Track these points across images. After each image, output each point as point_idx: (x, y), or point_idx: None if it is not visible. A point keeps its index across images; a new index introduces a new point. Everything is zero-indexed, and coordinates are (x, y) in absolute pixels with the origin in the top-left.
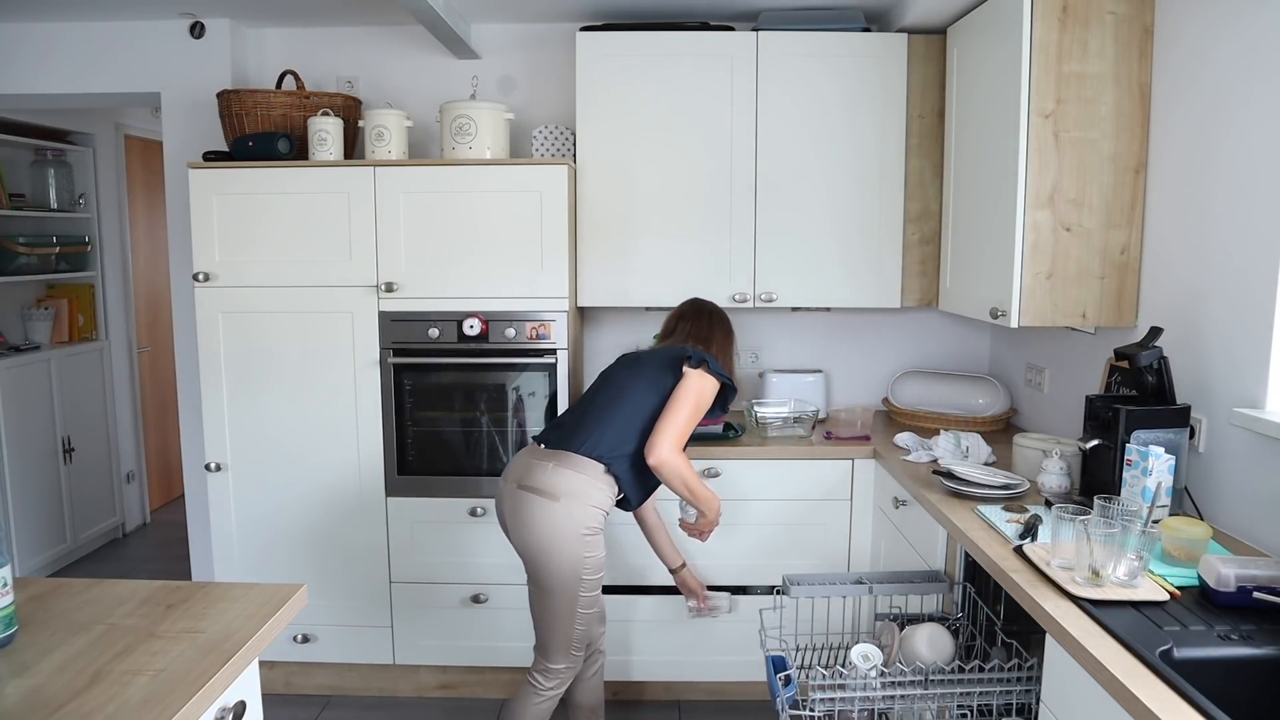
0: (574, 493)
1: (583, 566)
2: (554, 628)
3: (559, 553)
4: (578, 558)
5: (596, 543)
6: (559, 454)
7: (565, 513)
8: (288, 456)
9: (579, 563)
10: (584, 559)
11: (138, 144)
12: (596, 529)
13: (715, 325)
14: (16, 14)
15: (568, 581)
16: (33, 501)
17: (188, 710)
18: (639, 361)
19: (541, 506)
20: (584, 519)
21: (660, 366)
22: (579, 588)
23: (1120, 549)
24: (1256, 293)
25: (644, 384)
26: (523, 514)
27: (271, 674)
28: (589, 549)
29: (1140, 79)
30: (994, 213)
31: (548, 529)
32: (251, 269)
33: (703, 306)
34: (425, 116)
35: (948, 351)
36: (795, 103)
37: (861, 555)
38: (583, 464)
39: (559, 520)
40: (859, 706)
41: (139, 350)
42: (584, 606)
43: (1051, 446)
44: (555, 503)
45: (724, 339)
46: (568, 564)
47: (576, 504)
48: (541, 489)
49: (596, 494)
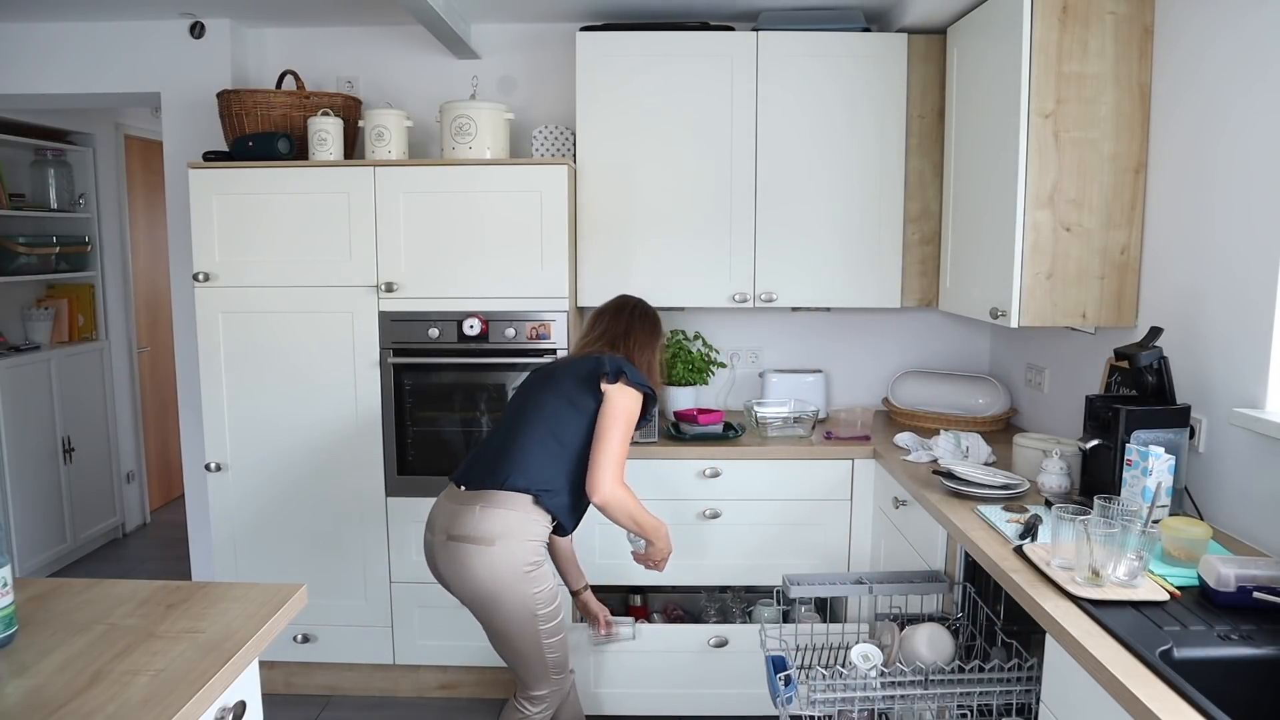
0: (507, 533)
1: (534, 603)
2: (525, 664)
3: (507, 597)
4: (526, 596)
5: (541, 575)
6: (482, 494)
7: (503, 555)
8: (288, 456)
9: (529, 600)
10: (533, 595)
11: (138, 144)
12: (538, 562)
13: (634, 323)
14: (17, 14)
15: (523, 622)
16: (33, 501)
17: (188, 710)
18: (553, 377)
19: (476, 554)
20: (523, 556)
21: (577, 383)
22: (536, 624)
23: (1120, 549)
24: (1256, 293)
25: (563, 405)
26: (459, 566)
27: (271, 674)
28: (535, 584)
29: (1140, 79)
30: (994, 213)
31: (488, 575)
32: (251, 269)
33: (624, 303)
34: (425, 116)
35: (948, 351)
36: (795, 103)
37: (861, 555)
38: (510, 500)
39: (498, 564)
40: (859, 706)
41: (139, 350)
42: (548, 636)
43: (1051, 446)
44: (491, 548)
45: (645, 337)
46: (518, 606)
47: (513, 543)
48: (472, 536)
49: (531, 527)
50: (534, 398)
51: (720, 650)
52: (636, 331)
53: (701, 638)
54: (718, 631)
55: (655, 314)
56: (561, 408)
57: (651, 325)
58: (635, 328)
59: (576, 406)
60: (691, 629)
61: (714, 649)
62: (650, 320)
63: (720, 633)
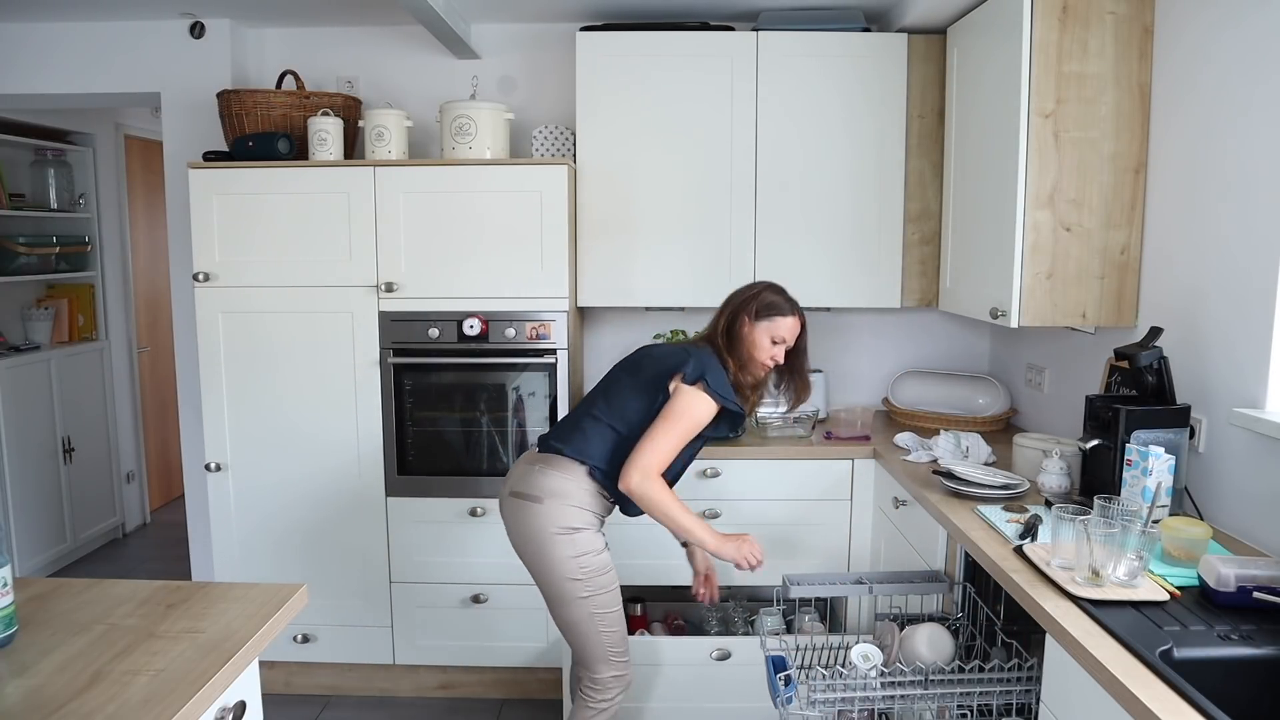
0: (556, 492)
1: (576, 566)
2: (579, 638)
3: (547, 555)
4: (565, 558)
5: (584, 540)
6: (546, 456)
7: (548, 512)
8: (288, 456)
9: (568, 563)
10: (574, 559)
11: (138, 144)
12: (581, 527)
13: (726, 324)
14: (17, 14)
15: (564, 585)
16: (33, 501)
17: (188, 710)
18: (643, 360)
19: (527, 509)
20: (567, 518)
21: (656, 375)
22: (577, 590)
23: (1120, 549)
24: (1257, 293)
25: (635, 391)
26: (514, 520)
27: (271, 674)
28: (574, 548)
29: (1140, 79)
30: (994, 213)
31: (534, 530)
32: (251, 269)
33: (734, 297)
34: (425, 116)
35: (948, 351)
36: (795, 102)
37: (861, 555)
38: (565, 465)
39: (543, 520)
40: (859, 706)
41: (139, 350)
42: (598, 608)
43: (1051, 446)
44: (539, 504)
45: (736, 341)
46: (557, 565)
47: (559, 504)
48: (528, 493)
49: (580, 495)
50: (617, 375)
51: (723, 663)
52: (722, 336)
53: (704, 650)
54: (720, 644)
55: (768, 300)
56: (631, 395)
57: (756, 312)
58: (721, 331)
59: (647, 397)
60: (694, 641)
61: (717, 662)
62: (747, 319)
63: (723, 645)
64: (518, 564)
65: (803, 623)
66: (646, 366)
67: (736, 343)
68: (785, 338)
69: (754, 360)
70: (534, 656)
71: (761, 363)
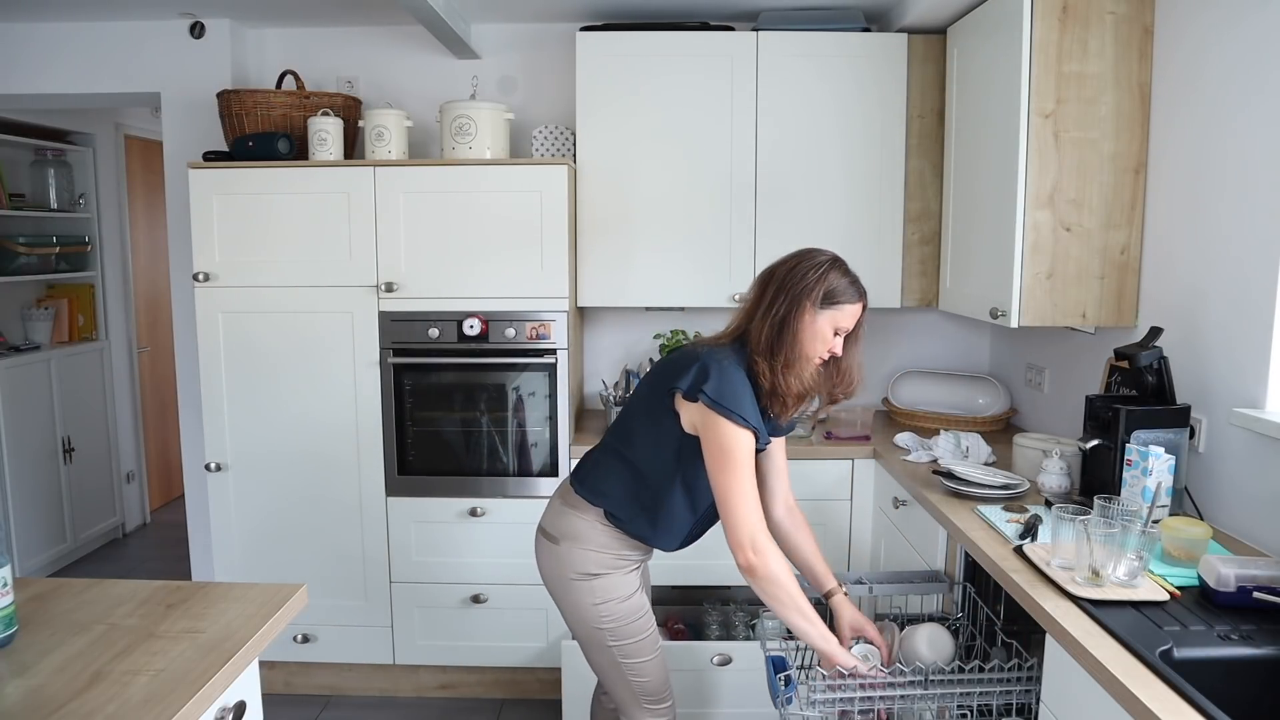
0: (572, 535)
1: (597, 615)
2: (610, 683)
3: (567, 600)
4: (584, 605)
5: (606, 586)
6: (568, 493)
7: (564, 556)
8: (288, 456)
9: (589, 611)
10: (594, 606)
11: (138, 144)
12: (600, 572)
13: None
14: (17, 14)
15: (587, 630)
16: (33, 501)
17: (188, 710)
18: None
19: (548, 549)
20: (584, 563)
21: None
22: (604, 638)
23: (1120, 549)
24: (1257, 293)
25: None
26: (539, 557)
27: (271, 674)
28: (596, 595)
29: (1140, 79)
30: (994, 213)
31: (553, 573)
32: (251, 269)
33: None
34: (425, 116)
35: (948, 351)
36: (795, 102)
37: (861, 555)
38: (581, 505)
39: (560, 564)
40: (859, 706)
41: (139, 350)
42: (627, 657)
43: (1051, 446)
44: (556, 546)
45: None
46: (577, 610)
47: (574, 547)
48: (549, 531)
49: (598, 538)
50: (638, 392)
51: (724, 669)
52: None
53: (705, 656)
54: (721, 649)
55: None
56: (639, 416)
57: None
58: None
59: (653, 418)
60: (695, 646)
61: (718, 667)
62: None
63: (724, 650)
64: (518, 564)
65: None
66: (650, 380)
67: (789, 336)
68: (849, 327)
69: (806, 357)
70: (534, 656)
71: (816, 358)
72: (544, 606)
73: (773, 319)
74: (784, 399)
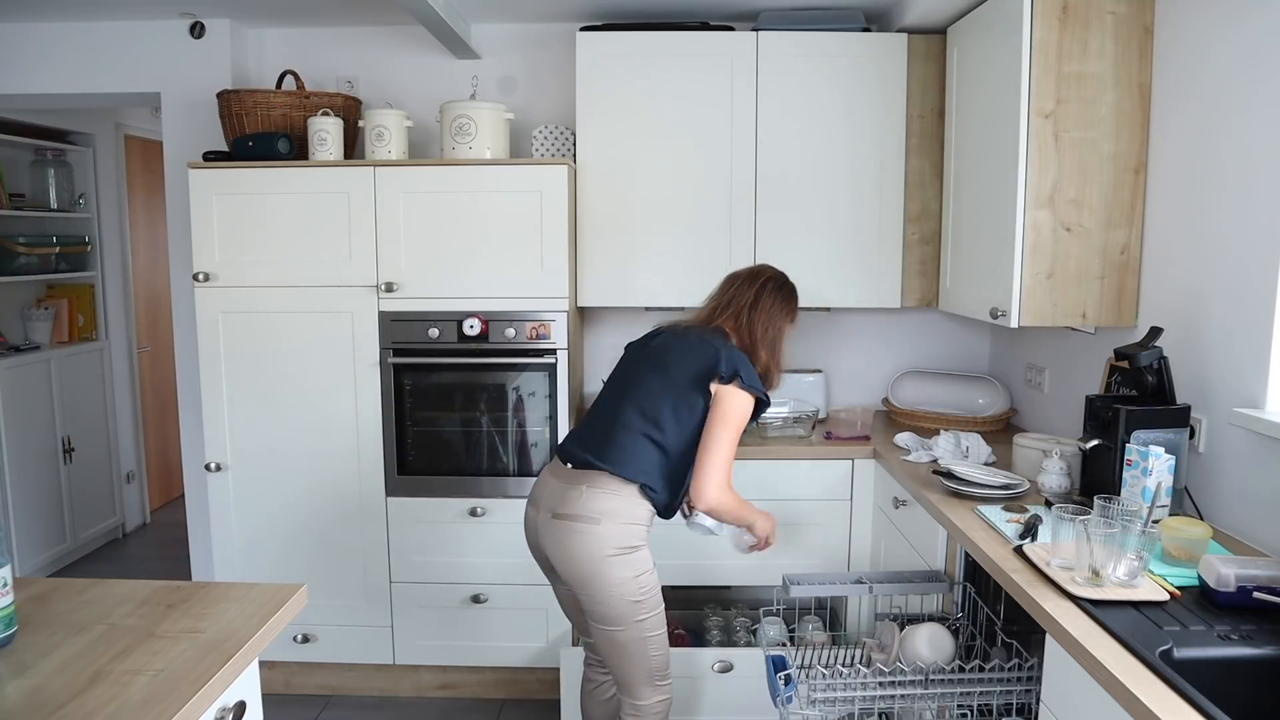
0: (612, 513)
1: (637, 587)
2: (628, 662)
3: (606, 577)
4: (626, 579)
5: (641, 559)
6: (588, 474)
7: (606, 534)
8: (288, 456)
9: (629, 584)
10: (634, 579)
11: (138, 144)
12: (639, 544)
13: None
14: (17, 14)
15: (623, 606)
16: (33, 501)
17: (188, 710)
18: (666, 359)
19: (584, 533)
20: (626, 538)
21: (690, 380)
22: (636, 611)
23: (1120, 549)
24: (1257, 293)
25: (670, 399)
26: (563, 544)
27: (271, 674)
28: (634, 567)
29: (1140, 79)
30: (994, 213)
31: (589, 553)
32: (251, 269)
33: (759, 272)
34: (425, 116)
35: (948, 351)
36: (795, 102)
37: (861, 555)
38: (615, 484)
39: (600, 542)
40: (859, 706)
41: (139, 350)
42: (650, 630)
43: (1051, 446)
44: (597, 526)
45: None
46: (618, 587)
47: (618, 524)
48: (579, 515)
49: (636, 511)
50: (642, 378)
51: (725, 675)
52: (765, 304)
53: (706, 662)
54: (722, 655)
55: (792, 289)
56: (668, 402)
57: (784, 301)
58: (765, 300)
59: (686, 404)
60: (696, 653)
61: (719, 674)
62: (784, 295)
63: (725, 656)
64: (518, 564)
65: (806, 631)
66: (676, 368)
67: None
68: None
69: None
70: (534, 656)
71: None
72: (544, 606)
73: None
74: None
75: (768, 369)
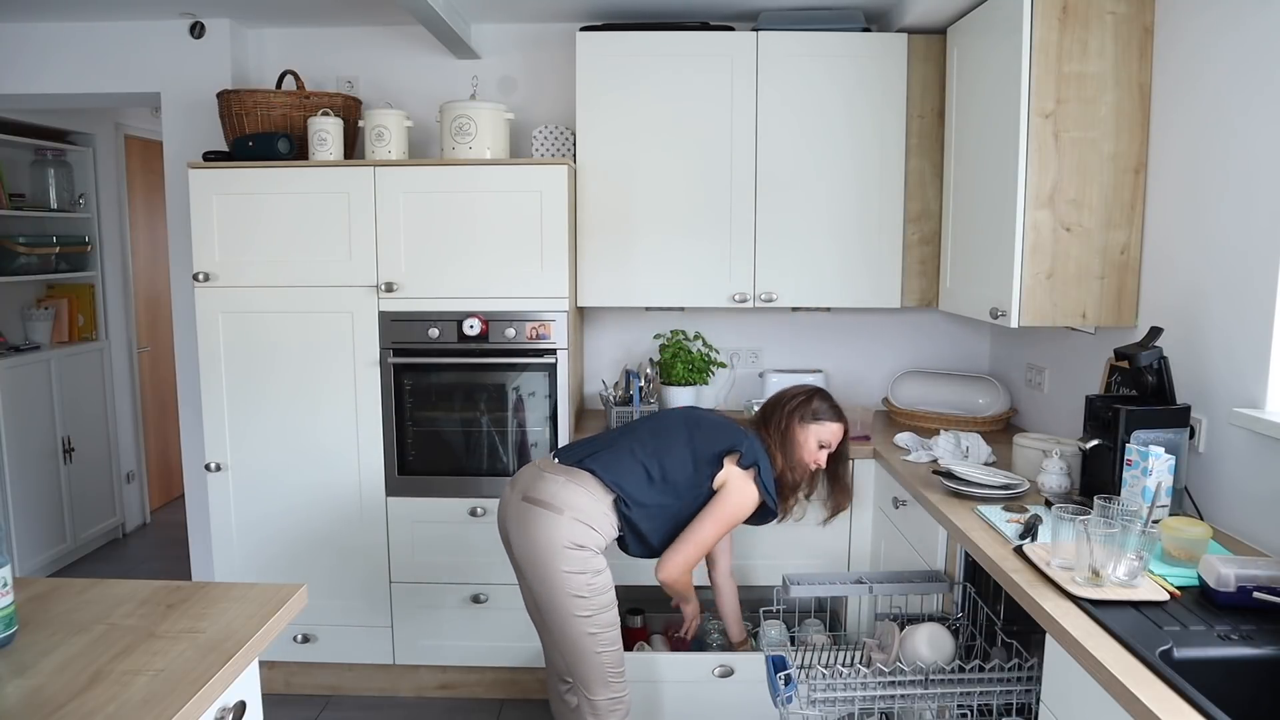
0: (579, 509)
1: (583, 583)
2: (575, 656)
3: (555, 567)
4: (572, 573)
5: (593, 560)
6: (572, 470)
7: (565, 526)
8: (288, 456)
9: (575, 579)
10: (580, 575)
11: (138, 144)
12: (591, 548)
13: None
14: (17, 14)
15: (567, 600)
16: (33, 501)
17: (188, 710)
18: (701, 422)
19: (542, 517)
20: (582, 536)
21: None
22: (580, 607)
23: (1120, 549)
24: (1257, 293)
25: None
26: (524, 526)
27: (271, 674)
28: (586, 565)
29: (1140, 79)
30: (994, 213)
31: (546, 540)
32: (251, 269)
33: (784, 400)
34: (425, 116)
35: (948, 351)
36: (795, 102)
37: (861, 555)
38: (593, 486)
39: (558, 532)
40: (859, 706)
41: (139, 350)
42: (596, 628)
43: (1051, 446)
44: (559, 515)
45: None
46: (563, 579)
47: (577, 519)
48: (547, 501)
49: (600, 518)
50: (669, 425)
51: (726, 680)
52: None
53: (706, 667)
54: (723, 660)
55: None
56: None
57: (802, 404)
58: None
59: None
60: (695, 658)
61: (719, 679)
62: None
63: (726, 661)
64: None
65: (808, 634)
66: (707, 428)
67: (789, 443)
68: (830, 442)
69: (801, 462)
70: (534, 656)
71: (806, 464)
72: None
73: (779, 429)
74: (785, 490)
75: (783, 480)
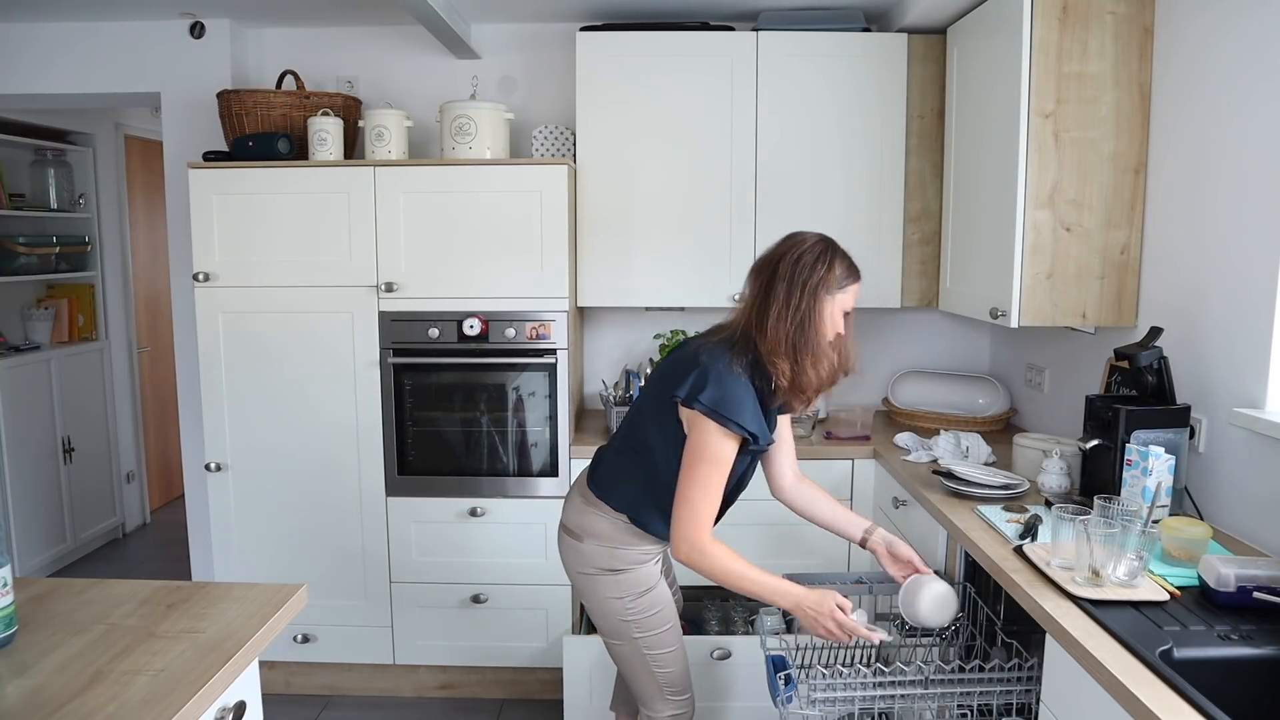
0: (597, 534)
1: (622, 607)
2: (632, 675)
3: (594, 593)
4: (609, 598)
5: (630, 580)
6: (586, 492)
7: (588, 553)
8: (288, 456)
9: (614, 603)
10: (618, 600)
11: (138, 144)
12: (624, 568)
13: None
14: (16, 14)
15: (613, 623)
16: (33, 501)
17: (188, 710)
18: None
19: (571, 546)
20: (608, 560)
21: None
22: (629, 630)
23: (1120, 549)
24: (1256, 292)
25: (650, 413)
26: (563, 553)
27: (271, 674)
28: (621, 588)
29: (1140, 79)
30: (994, 213)
31: (576, 568)
32: (251, 269)
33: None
34: (425, 116)
35: (948, 351)
36: (795, 102)
37: (861, 555)
38: (599, 504)
39: (584, 559)
40: (859, 706)
41: (139, 350)
42: (652, 648)
43: (1051, 446)
44: (580, 543)
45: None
46: (603, 604)
47: (598, 545)
48: (571, 528)
49: (622, 536)
50: (641, 393)
51: (724, 662)
52: (779, 291)
53: (705, 649)
54: (721, 643)
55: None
56: (649, 418)
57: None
58: (779, 288)
59: (657, 419)
60: (694, 640)
61: (717, 661)
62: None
63: (723, 644)
64: (518, 564)
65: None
66: (653, 385)
67: (812, 330)
68: (852, 305)
69: (827, 348)
70: (534, 656)
71: (834, 343)
72: (544, 606)
73: (792, 316)
74: (806, 393)
75: (796, 382)
